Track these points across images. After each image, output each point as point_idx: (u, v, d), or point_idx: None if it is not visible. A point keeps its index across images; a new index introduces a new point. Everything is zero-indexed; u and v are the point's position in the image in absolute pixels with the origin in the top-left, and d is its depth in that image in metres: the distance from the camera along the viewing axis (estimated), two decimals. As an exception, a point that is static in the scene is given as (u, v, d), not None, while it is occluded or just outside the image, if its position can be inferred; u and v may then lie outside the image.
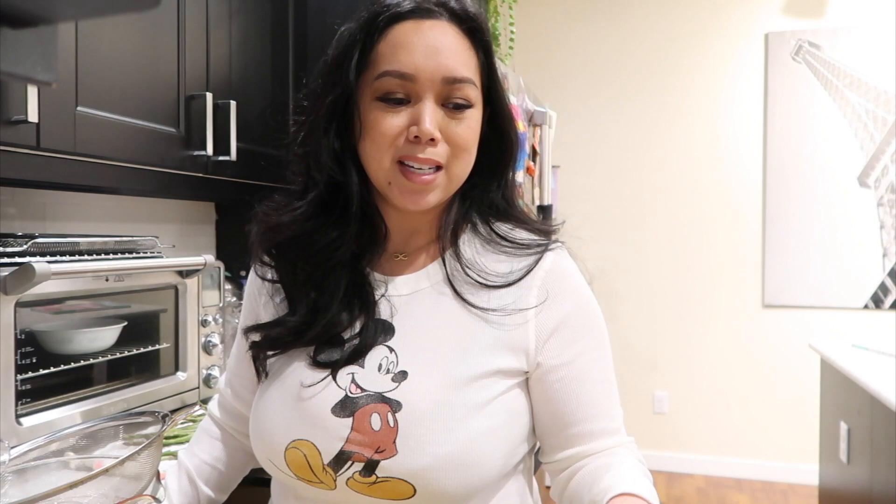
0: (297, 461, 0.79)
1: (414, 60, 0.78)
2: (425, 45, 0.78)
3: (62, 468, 0.82)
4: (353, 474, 0.76)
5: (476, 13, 0.83)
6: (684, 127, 3.83)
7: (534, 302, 0.82)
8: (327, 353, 0.82)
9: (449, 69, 0.78)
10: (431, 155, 0.78)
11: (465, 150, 0.81)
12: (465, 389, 0.77)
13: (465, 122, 0.80)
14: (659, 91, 3.85)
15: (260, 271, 0.92)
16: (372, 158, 0.80)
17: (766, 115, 3.73)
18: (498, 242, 0.86)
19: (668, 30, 3.83)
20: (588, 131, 3.93)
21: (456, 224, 0.86)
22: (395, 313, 0.83)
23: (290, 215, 0.84)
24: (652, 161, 3.87)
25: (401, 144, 0.78)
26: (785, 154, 3.71)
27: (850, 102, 3.62)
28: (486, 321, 0.81)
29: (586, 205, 3.87)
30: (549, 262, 0.84)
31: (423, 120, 0.77)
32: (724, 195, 3.78)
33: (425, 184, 0.79)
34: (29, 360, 1.21)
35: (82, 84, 1.23)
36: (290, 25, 1.90)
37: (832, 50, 3.63)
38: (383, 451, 0.75)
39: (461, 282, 0.83)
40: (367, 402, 0.78)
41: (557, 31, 3.97)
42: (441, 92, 0.79)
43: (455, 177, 0.82)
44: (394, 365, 0.80)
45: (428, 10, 0.80)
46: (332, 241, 0.83)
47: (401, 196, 0.80)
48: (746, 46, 3.74)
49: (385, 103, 0.79)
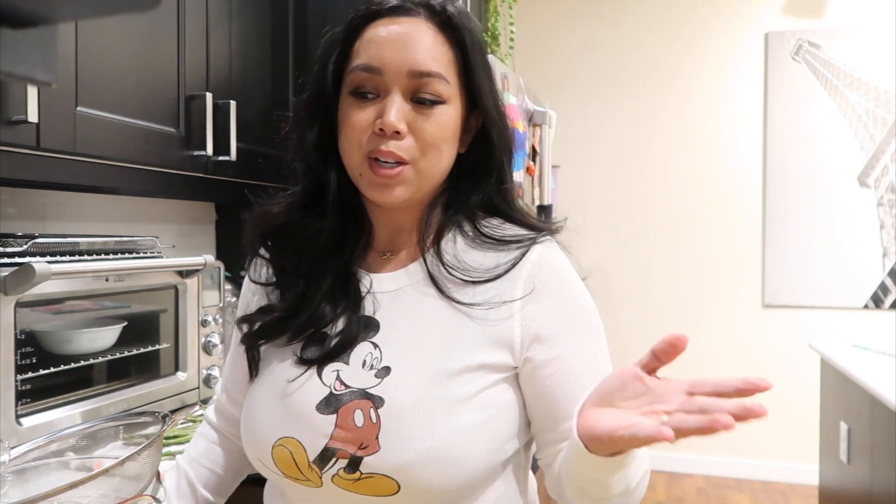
0: (284, 459, 0.80)
1: (381, 54, 0.79)
2: (394, 40, 0.80)
3: (62, 468, 0.82)
4: (337, 471, 0.77)
5: (455, 10, 0.83)
6: (684, 127, 3.83)
7: (519, 294, 0.80)
8: (312, 350, 0.83)
9: (416, 63, 0.79)
10: (395, 149, 0.79)
11: (433, 146, 0.81)
12: (447, 384, 0.77)
13: (434, 117, 0.80)
14: (659, 91, 3.85)
15: (254, 275, 0.93)
16: (346, 152, 0.82)
17: (766, 115, 3.73)
18: (483, 240, 0.85)
19: (667, 30, 3.83)
20: (588, 131, 3.92)
21: (441, 225, 0.86)
22: (379, 309, 0.84)
23: (279, 206, 0.88)
24: (652, 161, 3.87)
25: (369, 138, 0.80)
26: (785, 154, 3.71)
27: (850, 102, 3.62)
28: (470, 317, 0.81)
29: (586, 204, 3.87)
30: (535, 254, 0.83)
31: (386, 112, 0.78)
32: (723, 195, 3.78)
33: (389, 177, 0.79)
34: (29, 360, 1.21)
35: (82, 84, 1.23)
36: (290, 25, 1.90)
37: (832, 50, 3.63)
38: (366, 448, 0.75)
39: (444, 280, 0.83)
40: (350, 398, 0.78)
41: (557, 31, 3.97)
42: (408, 86, 0.79)
43: (424, 172, 0.81)
44: (377, 361, 0.80)
45: (406, 9, 0.81)
46: (315, 232, 0.85)
47: (370, 188, 0.81)
48: (746, 46, 3.74)
49: (356, 98, 0.81)
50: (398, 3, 0.82)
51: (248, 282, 0.95)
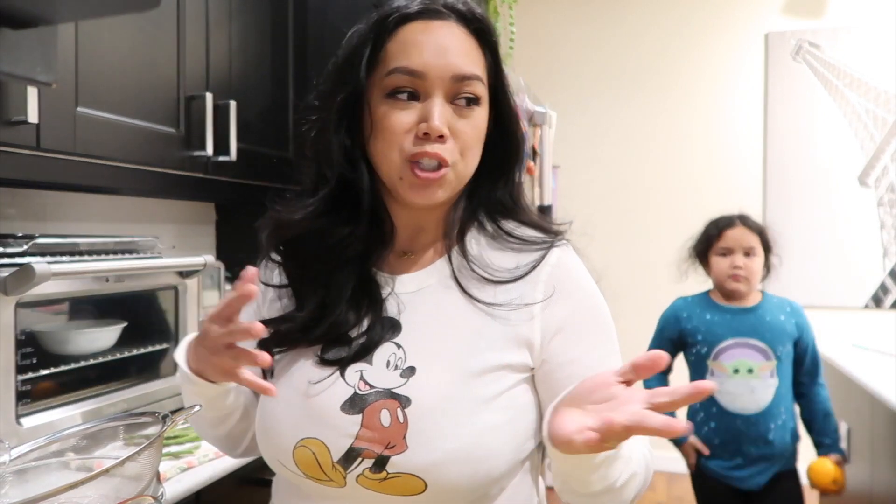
0: (306, 460, 0.79)
1: (423, 58, 0.79)
2: (435, 44, 0.80)
3: (62, 469, 0.82)
4: (363, 471, 0.77)
5: (482, 15, 0.84)
6: (684, 127, 3.83)
7: (540, 297, 0.82)
8: (335, 352, 0.82)
9: (458, 66, 0.80)
10: (440, 151, 0.79)
11: (472, 148, 0.82)
12: (472, 384, 0.77)
13: (472, 119, 0.81)
14: (659, 91, 3.85)
15: (264, 276, 0.91)
16: (382, 155, 0.81)
17: (766, 115, 3.73)
18: (504, 239, 0.87)
19: (667, 30, 3.83)
20: (588, 131, 3.93)
21: (462, 222, 0.87)
22: (402, 310, 0.84)
23: (301, 212, 0.85)
24: (652, 160, 3.87)
25: (410, 141, 0.79)
26: (785, 154, 3.71)
27: (850, 102, 3.62)
28: (492, 316, 0.82)
29: (586, 204, 3.87)
30: (554, 257, 0.85)
31: (432, 116, 0.78)
32: (724, 195, 3.78)
33: (433, 180, 0.80)
34: (29, 360, 1.21)
35: (82, 84, 1.23)
36: (290, 25, 1.90)
37: (832, 50, 3.63)
38: (393, 447, 0.76)
39: (467, 278, 0.84)
40: (375, 398, 0.78)
41: (557, 31, 3.97)
42: (450, 89, 0.80)
43: (461, 173, 0.83)
44: (402, 361, 0.80)
45: (436, 11, 0.82)
46: (342, 238, 0.84)
47: (410, 191, 0.81)
48: (746, 46, 3.74)
49: (394, 100, 0.80)
50: (430, 6, 0.82)
51: (258, 281, 0.93)
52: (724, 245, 2.07)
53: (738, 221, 2.09)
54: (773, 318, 2.04)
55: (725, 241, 2.07)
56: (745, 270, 2.03)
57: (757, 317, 2.05)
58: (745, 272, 2.03)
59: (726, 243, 2.07)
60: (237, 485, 1.35)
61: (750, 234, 2.06)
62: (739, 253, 2.05)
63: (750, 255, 2.05)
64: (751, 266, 2.04)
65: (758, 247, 2.06)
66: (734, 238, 2.06)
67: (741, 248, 2.05)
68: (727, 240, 2.07)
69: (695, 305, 2.15)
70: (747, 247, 2.05)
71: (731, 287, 2.05)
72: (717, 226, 2.11)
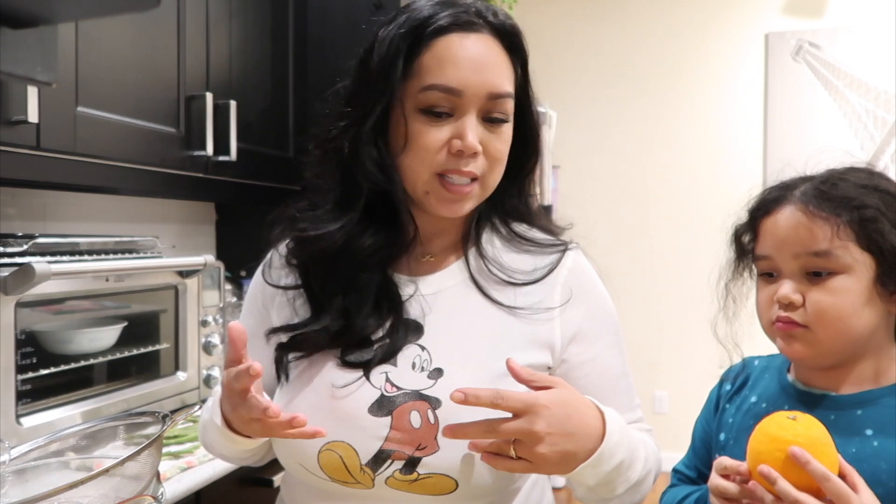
0: (333, 463, 0.79)
1: (461, 75, 0.79)
2: (472, 61, 0.79)
3: (62, 468, 0.82)
4: (392, 473, 0.77)
5: (514, 26, 0.84)
6: (684, 127, 3.83)
7: (558, 300, 0.85)
8: (357, 354, 0.82)
9: (494, 85, 0.80)
10: (473, 168, 0.80)
11: (500, 162, 0.83)
12: (499, 384, 0.77)
13: (502, 135, 0.82)
14: (659, 91, 3.85)
15: (272, 278, 0.90)
16: (411, 169, 0.81)
17: (766, 115, 3.73)
18: (518, 241, 0.89)
19: (668, 30, 3.83)
20: (588, 131, 3.93)
21: (479, 225, 0.89)
22: (425, 313, 0.84)
23: (332, 226, 0.83)
24: (652, 160, 3.87)
25: (442, 157, 0.79)
26: (785, 154, 3.70)
27: (850, 102, 3.62)
28: (513, 317, 0.83)
29: (586, 204, 3.87)
30: (570, 261, 0.87)
31: (466, 135, 0.78)
32: (724, 195, 3.78)
33: (464, 195, 0.81)
34: (29, 360, 1.21)
35: (82, 84, 1.24)
36: (290, 25, 1.90)
37: (832, 50, 3.63)
38: (425, 448, 0.76)
39: (486, 279, 0.85)
40: (404, 400, 0.79)
41: (557, 32, 3.97)
42: (484, 107, 0.80)
43: (488, 186, 0.84)
44: (428, 363, 0.81)
45: (470, 23, 0.81)
46: (368, 247, 0.83)
47: (438, 205, 0.82)
48: (746, 46, 3.74)
49: (428, 116, 0.79)
50: (464, 17, 0.80)
51: (262, 282, 0.92)
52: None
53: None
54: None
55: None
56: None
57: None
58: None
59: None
60: (237, 484, 1.35)
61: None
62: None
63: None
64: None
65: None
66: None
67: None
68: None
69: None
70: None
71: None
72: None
